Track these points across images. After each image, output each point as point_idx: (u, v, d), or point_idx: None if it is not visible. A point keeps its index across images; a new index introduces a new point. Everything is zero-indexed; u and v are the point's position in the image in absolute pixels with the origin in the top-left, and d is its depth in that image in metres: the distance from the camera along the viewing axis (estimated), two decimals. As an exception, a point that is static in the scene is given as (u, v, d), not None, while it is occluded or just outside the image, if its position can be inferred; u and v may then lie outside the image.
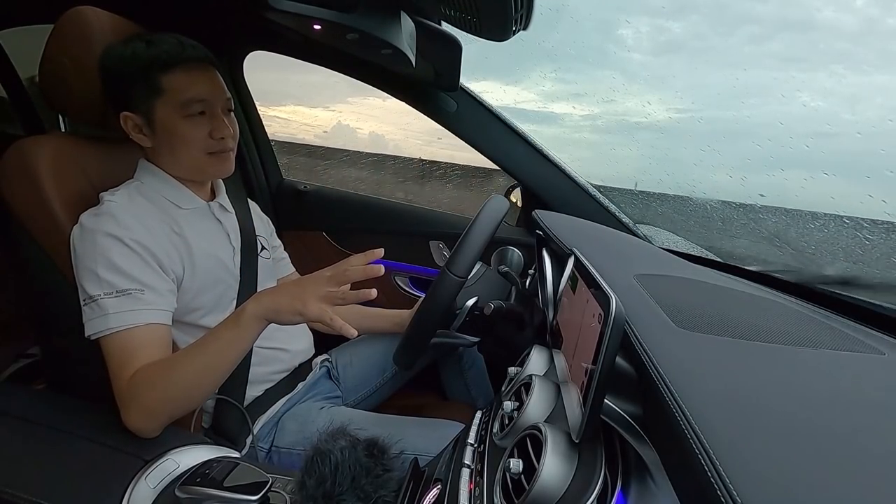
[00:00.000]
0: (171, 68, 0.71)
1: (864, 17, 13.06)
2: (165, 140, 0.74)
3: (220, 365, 0.64)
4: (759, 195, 1.15)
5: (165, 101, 0.71)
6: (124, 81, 0.71)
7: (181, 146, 0.74)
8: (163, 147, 0.75)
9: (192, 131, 0.73)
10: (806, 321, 0.54)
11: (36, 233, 0.71)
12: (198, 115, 0.73)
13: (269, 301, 0.62)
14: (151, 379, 0.61)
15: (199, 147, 0.74)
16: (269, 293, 0.64)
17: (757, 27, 39.76)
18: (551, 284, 0.70)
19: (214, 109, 0.75)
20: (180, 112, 0.72)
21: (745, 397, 0.34)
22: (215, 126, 0.75)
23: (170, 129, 0.73)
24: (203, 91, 0.73)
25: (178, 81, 0.71)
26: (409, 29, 0.72)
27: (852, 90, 7.79)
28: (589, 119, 15.33)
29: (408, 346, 0.80)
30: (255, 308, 0.62)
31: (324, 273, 0.62)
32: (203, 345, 0.63)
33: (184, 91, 0.71)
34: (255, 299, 0.64)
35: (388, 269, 1.34)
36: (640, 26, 29.57)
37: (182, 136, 0.73)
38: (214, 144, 0.75)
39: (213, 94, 0.74)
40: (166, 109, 0.72)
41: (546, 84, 20.89)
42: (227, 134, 0.76)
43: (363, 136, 5.69)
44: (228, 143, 0.77)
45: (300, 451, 0.78)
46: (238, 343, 0.63)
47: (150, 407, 0.62)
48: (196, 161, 0.76)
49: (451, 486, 0.51)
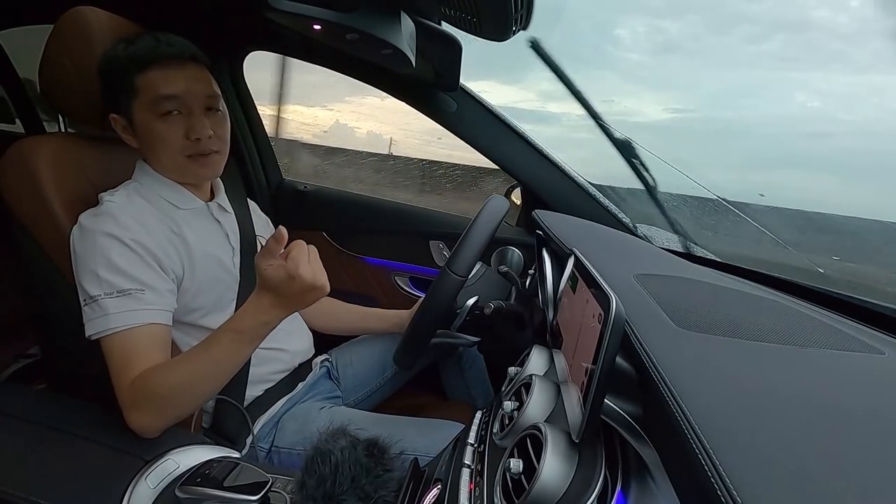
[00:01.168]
0: (147, 67, 0.69)
1: (860, 16, 13.06)
2: (146, 142, 0.73)
3: (225, 369, 0.64)
4: (759, 195, 1.15)
5: (140, 102, 0.70)
6: (108, 83, 0.72)
7: (159, 147, 0.72)
8: (146, 149, 0.74)
9: (168, 131, 0.71)
10: (806, 321, 0.54)
11: (36, 233, 0.71)
12: (173, 115, 0.71)
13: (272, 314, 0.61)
14: (156, 381, 0.61)
15: (175, 148, 0.72)
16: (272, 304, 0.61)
17: (753, 27, 39.80)
18: (551, 284, 0.70)
19: (191, 108, 0.72)
20: (154, 111, 0.70)
21: (746, 397, 0.34)
22: (191, 125, 0.71)
23: (147, 129, 0.71)
24: (175, 88, 0.70)
25: (152, 79, 0.69)
26: (409, 29, 0.71)
27: (849, 90, 7.81)
28: (587, 119, 15.29)
29: (408, 345, 0.80)
30: (262, 314, 0.61)
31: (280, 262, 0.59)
32: (206, 349, 0.63)
33: (155, 89, 0.69)
34: (258, 311, 0.61)
35: (388, 269, 1.36)
36: (637, 26, 29.62)
37: (158, 137, 0.71)
38: (191, 146, 0.72)
39: (187, 91, 0.71)
40: (141, 110, 0.70)
41: (544, 84, 20.91)
42: (203, 134, 0.72)
43: (361, 135, 5.62)
44: (208, 144, 0.73)
45: (300, 452, 0.78)
46: (242, 351, 0.63)
47: (155, 409, 0.62)
48: (175, 163, 0.74)
49: (451, 486, 0.51)
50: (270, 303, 0.61)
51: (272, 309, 0.61)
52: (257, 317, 0.61)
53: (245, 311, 0.62)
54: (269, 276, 0.59)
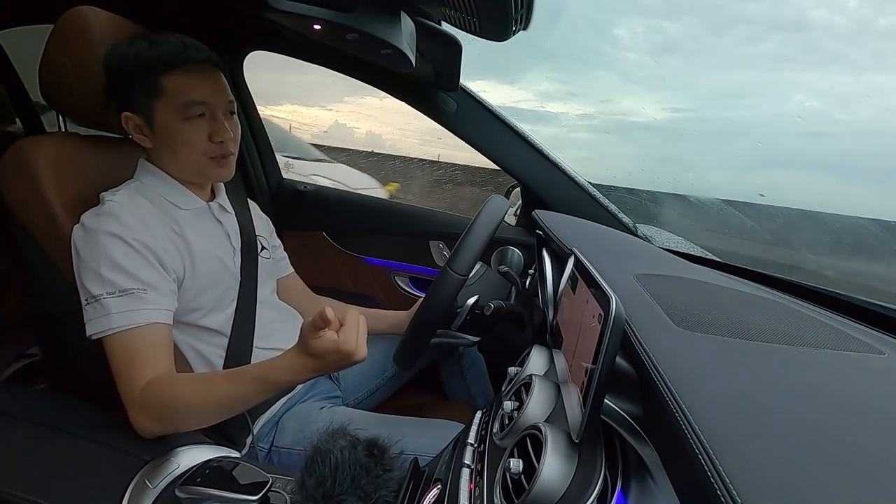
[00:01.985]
0: (173, 69, 0.71)
1: (857, 17, 12.94)
2: (166, 141, 0.73)
3: (241, 406, 0.66)
4: (759, 195, 1.15)
5: (166, 103, 0.71)
6: (126, 81, 0.72)
7: (181, 148, 0.73)
8: (163, 148, 0.75)
9: (192, 133, 0.73)
10: (806, 321, 0.54)
11: (36, 233, 0.71)
12: (198, 118, 0.73)
13: (306, 374, 0.61)
14: (169, 392, 0.62)
15: (198, 150, 0.74)
16: (308, 369, 0.60)
17: (750, 27, 39.92)
18: (551, 284, 0.70)
19: (215, 112, 0.74)
20: (180, 114, 0.71)
21: (746, 397, 0.34)
22: (215, 129, 0.74)
23: (170, 130, 0.72)
24: (204, 93, 0.72)
25: (179, 83, 0.71)
26: (409, 29, 0.72)
27: (846, 90, 7.84)
28: (586, 119, 15.34)
29: (408, 345, 0.80)
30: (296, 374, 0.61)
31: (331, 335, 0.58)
32: (229, 383, 0.63)
33: (184, 93, 0.71)
34: (293, 370, 0.61)
35: (388, 269, 1.36)
36: (636, 26, 29.72)
37: (182, 138, 0.73)
38: (214, 148, 0.75)
39: (214, 97, 0.74)
40: (166, 111, 0.71)
41: (543, 84, 20.88)
42: (227, 137, 0.75)
43: (360, 135, 5.62)
44: (229, 146, 0.76)
45: (300, 451, 0.78)
46: (262, 397, 0.64)
47: (161, 417, 0.63)
48: (196, 164, 0.75)
49: (451, 486, 0.51)
50: (307, 367, 0.60)
51: (307, 372, 0.61)
52: (291, 375, 0.61)
53: (279, 366, 0.61)
54: (315, 347, 0.58)
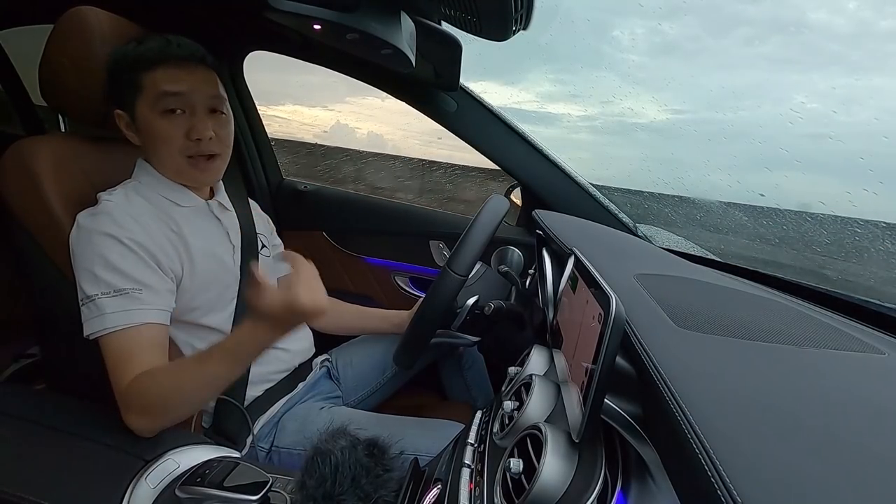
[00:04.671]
0: (155, 65, 0.70)
1: (857, 19, 12.97)
2: (147, 139, 0.73)
3: (220, 383, 0.64)
4: (760, 195, 1.15)
5: (144, 98, 0.71)
6: (115, 80, 0.72)
7: (161, 146, 0.72)
8: (147, 146, 0.74)
9: (168, 129, 0.71)
10: (806, 321, 0.54)
11: (36, 233, 0.71)
12: (176, 113, 0.71)
13: (270, 339, 0.60)
14: (149, 386, 0.61)
15: (175, 147, 0.72)
16: (268, 330, 0.59)
17: (750, 29, 39.92)
18: (551, 284, 0.70)
19: (194, 107, 0.72)
20: (156, 108, 0.70)
21: (746, 397, 0.34)
22: (192, 125, 0.71)
23: (148, 126, 0.71)
24: (178, 86, 0.70)
25: (157, 77, 0.70)
26: (409, 29, 0.71)
27: (846, 91, 7.85)
28: (587, 120, 15.34)
29: (408, 345, 0.80)
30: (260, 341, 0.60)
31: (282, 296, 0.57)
32: (199, 363, 0.62)
33: (159, 86, 0.70)
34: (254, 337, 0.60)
35: (388, 269, 1.36)
36: (635, 28, 29.69)
37: (158, 135, 0.71)
38: (192, 146, 0.72)
39: (191, 90, 0.71)
40: (144, 106, 0.71)
41: (544, 85, 20.90)
42: (205, 135, 0.72)
43: (361, 135, 5.63)
44: (209, 146, 0.73)
45: (300, 452, 0.78)
46: (235, 369, 0.63)
47: (148, 412, 0.62)
48: (175, 163, 0.74)
49: (451, 486, 0.51)
50: (267, 331, 0.59)
51: (270, 336, 0.60)
52: (257, 343, 0.60)
53: (243, 337, 0.60)
54: (263, 310, 0.57)
